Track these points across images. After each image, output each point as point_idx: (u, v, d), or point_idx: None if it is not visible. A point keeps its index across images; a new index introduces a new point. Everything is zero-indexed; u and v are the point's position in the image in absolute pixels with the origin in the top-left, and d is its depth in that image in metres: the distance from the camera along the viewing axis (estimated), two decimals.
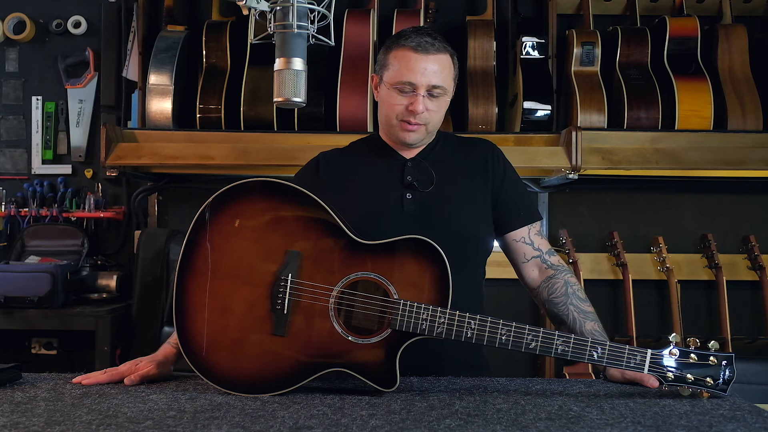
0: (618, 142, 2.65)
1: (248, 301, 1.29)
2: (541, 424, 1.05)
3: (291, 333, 1.27)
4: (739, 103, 2.72)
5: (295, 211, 1.33)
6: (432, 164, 1.59)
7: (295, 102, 1.47)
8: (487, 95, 2.77)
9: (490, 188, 1.59)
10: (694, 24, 2.82)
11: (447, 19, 3.06)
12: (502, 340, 1.26)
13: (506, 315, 1.30)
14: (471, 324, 1.26)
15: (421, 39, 1.51)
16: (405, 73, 1.50)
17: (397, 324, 1.26)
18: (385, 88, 1.56)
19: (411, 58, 1.51)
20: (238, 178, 1.38)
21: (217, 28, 2.89)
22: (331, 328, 1.27)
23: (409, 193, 1.55)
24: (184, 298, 1.31)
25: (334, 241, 1.31)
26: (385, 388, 1.24)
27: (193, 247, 1.32)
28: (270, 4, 1.46)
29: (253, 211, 1.33)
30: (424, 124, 1.54)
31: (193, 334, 1.29)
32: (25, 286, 2.63)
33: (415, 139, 1.57)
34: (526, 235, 1.60)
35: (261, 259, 1.30)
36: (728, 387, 1.23)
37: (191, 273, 1.31)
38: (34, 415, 1.08)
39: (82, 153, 3.11)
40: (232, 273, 1.30)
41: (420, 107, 1.50)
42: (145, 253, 2.85)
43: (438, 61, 1.52)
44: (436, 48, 1.52)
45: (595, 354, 1.25)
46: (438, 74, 1.51)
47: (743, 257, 2.94)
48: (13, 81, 3.14)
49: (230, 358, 1.27)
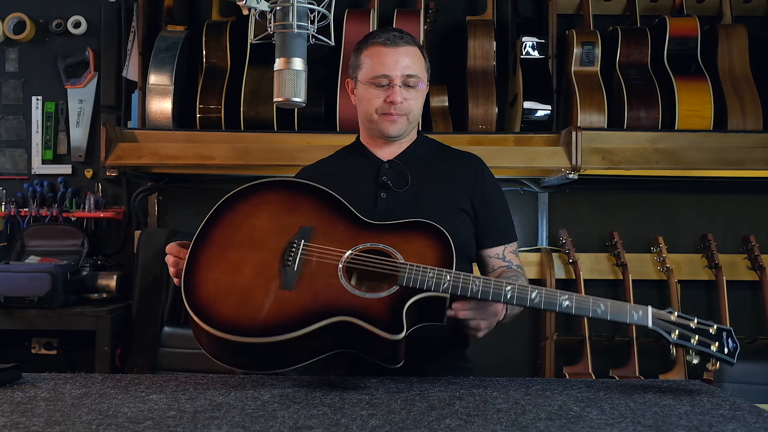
0: (618, 142, 2.65)
1: (260, 263, 1.31)
2: (541, 424, 1.05)
3: (299, 288, 1.28)
4: (739, 103, 2.72)
5: (309, 198, 1.44)
6: (410, 166, 1.61)
7: (295, 102, 1.47)
8: (487, 95, 2.77)
9: (468, 200, 1.60)
10: (694, 24, 2.82)
11: (447, 19, 3.06)
12: (507, 296, 1.28)
13: None
14: (476, 282, 1.29)
15: (389, 34, 1.58)
16: (378, 68, 1.56)
17: (404, 280, 1.27)
18: (362, 86, 1.61)
19: (382, 53, 1.57)
20: (238, 178, 1.40)
21: (217, 28, 2.89)
22: (339, 285, 1.28)
23: (384, 192, 1.57)
24: (194, 264, 1.32)
25: (345, 221, 1.40)
26: (391, 335, 1.20)
27: (211, 225, 1.38)
28: (270, 4, 1.46)
29: (270, 198, 1.44)
30: (405, 114, 1.58)
31: (199, 289, 1.28)
32: (25, 286, 2.63)
33: (398, 130, 1.60)
34: (501, 253, 1.63)
35: (276, 233, 1.36)
36: (735, 357, 1.23)
37: (206, 243, 1.35)
38: (34, 415, 1.08)
39: (82, 153, 3.11)
40: (246, 243, 1.34)
41: (398, 97, 1.55)
42: (145, 253, 2.85)
43: (408, 52, 1.58)
44: (405, 41, 1.58)
45: (599, 309, 1.26)
46: (410, 64, 1.57)
47: (743, 257, 2.94)
48: (13, 81, 3.14)
49: (234, 306, 1.26)
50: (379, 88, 1.57)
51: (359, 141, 1.71)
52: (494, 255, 1.63)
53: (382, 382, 1.35)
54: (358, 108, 1.65)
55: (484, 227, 1.62)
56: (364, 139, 1.69)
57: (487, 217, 1.62)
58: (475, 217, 1.61)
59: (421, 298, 1.27)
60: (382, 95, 1.57)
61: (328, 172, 1.67)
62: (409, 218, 1.44)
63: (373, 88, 1.57)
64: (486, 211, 1.62)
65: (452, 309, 1.32)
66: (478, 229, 1.62)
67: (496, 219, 1.63)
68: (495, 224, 1.63)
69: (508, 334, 3.03)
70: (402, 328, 1.21)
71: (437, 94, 2.91)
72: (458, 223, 1.58)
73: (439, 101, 2.91)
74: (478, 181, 1.64)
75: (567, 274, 2.98)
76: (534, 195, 3.07)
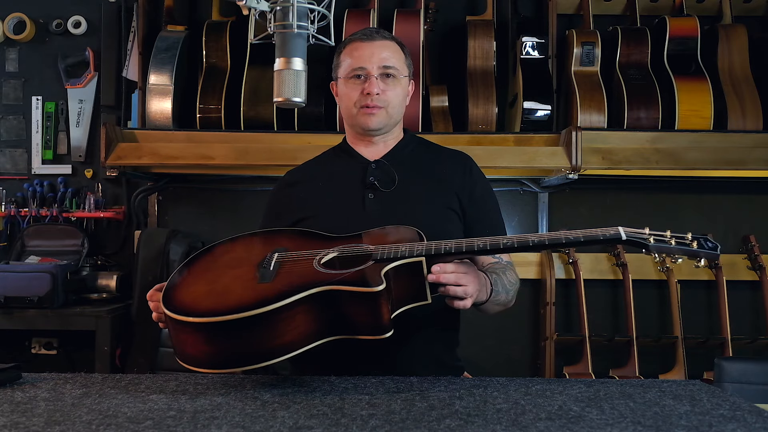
0: (618, 142, 2.65)
1: (236, 274, 1.32)
2: (541, 424, 1.05)
3: (276, 281, 1.27)
4: (739, 103, 2.72)
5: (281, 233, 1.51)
6: (397, 165, 1.61)
7: (295, 102, 1.47)
8: (487, 95, 2.77)
9: (457, 199, 1.60)
10: (694, 24, 2.82)
11: (447, 19, 3.06)
12: (480, 246, 1.30)
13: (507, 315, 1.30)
14: (448, 242, 1.30)
15: (366, 30, 1.62)
16: (355, 62, 1.58)
17: (378, 256, 1.28)
18: (341, 83, 1.62)
19: (359, 47, 1.59)
20: (238, 178, 1.41)
21: (217, 28, 2.89)
22: (316, 270, 1.29)
23: (371, 193, 1.57)
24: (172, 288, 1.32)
25: (317, 239, 1.43)
26: (371, 288, 1.20)
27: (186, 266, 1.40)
28: (270, 4, 1.46)
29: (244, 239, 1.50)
30: (383, 106, 1.58)
31: (176, 298, 1.27)
32: (25, 286, 2.63)
33: (378, 123, 1.60)
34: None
35: (250, 257, 1.38)
36: (718, 251, 1.25)
37: (183, 275, 1.36)
38: (34, 415, 1.08)
39: (82, 153, 3.11)
40: (222, 266, 1.36)
41: (375, 88, 1.56)
42: (145, 253, 2.85)
43: (384, 45, 1.59)
44: (382, 35, 1.60)
45: (571, 236, 1.28)
46: (388, 56, 1.58)
47: (743, 257, 2.95)
48: (13, 81, 3.14)
49: (213, 301, 1.25)
50: (356, 81, 1.57)
51: (345, 142, 1.70)
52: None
53: (382, 382, 1.35)
54: (341, 106, 1.66)
55: (473, 226, 1.61)
56: (350, 139, 1.69)
57: (476, 215, 1.61)
58: (463, 215, 1.60)
59: (397, 266, 1.27)
60: (359, 88, 1.57)
61: (315, 174, 1.67)
62: (397, 218, 1.45)
63: (351, 82, 1.58)
64: (475, 210, 1.61)
65: (432, 273, 1.28)
66: (467, 227, 1.61)
67: (485, 217, 1.63)
68: (484, 222, 1.62)
69: (508, 334, 3.03)
70: (381, 281, 1.21)
71: (437, 94, 2.91)
72: (447, 222, 1.57)
73: (439, 101, 2.91)
74: (467, 179, 1.63)
75: (567, 274, 2.98)
76: (534, 195, 3.07)
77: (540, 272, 2.99)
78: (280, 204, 1.68)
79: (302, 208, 1.60)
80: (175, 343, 1.26)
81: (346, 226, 1.48)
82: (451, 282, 1.30)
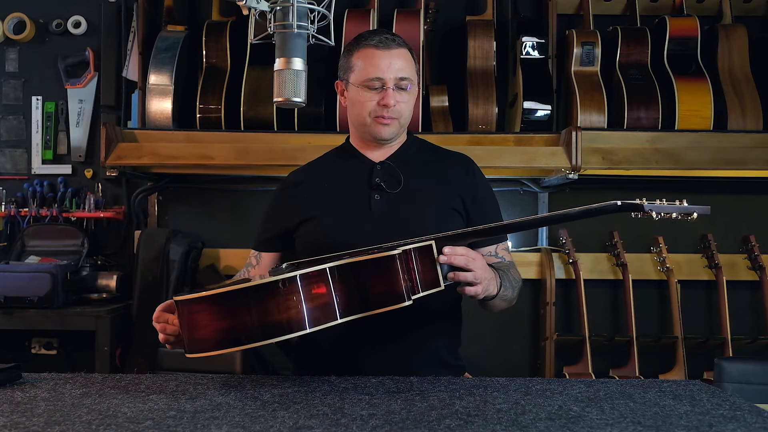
0: (618, 142, 2.65)
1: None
2: (541, 424, 1.05)
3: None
4: (739, 103, 2.72)
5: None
6: (401, 167, 1.61)
7: (295, 102, 1.48)
8: (487, 95, 2.77)
9: (460, 200, 1.61)
10: (694, 24, 2.82)
11: (447, 19, 3.06)
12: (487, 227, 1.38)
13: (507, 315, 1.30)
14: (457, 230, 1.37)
15: (381, 36, 1.57)
16: (372, 71, 1.55)
17: (389, 248, 1.28)
18: (354, 89, 1.59)
19: (375, 55, 1.55)
20: (238, 178, 1.40)
21: (217, 28, 2.89)
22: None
23: (377, 194, 1.57)
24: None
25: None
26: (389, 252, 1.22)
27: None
28: (270, 4, 1.46)
29: None
30: (397, 117, 1.58)
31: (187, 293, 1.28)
32: (25, 286, 2.63)
33: (390, 133, 1.60)
34: (493, 251, 1.63)
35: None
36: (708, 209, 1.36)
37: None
38: (34, 415, 1.08)
39: (82, 153, 3.11)
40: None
41: (391, 101, 1.55)
42: (145, 253, 2.85)
43: (400, 55, 1.57)
44: (397, 43, 1.58)
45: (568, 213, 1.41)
46: (403, 67, 1.57)
47: (743, 257, 2.94)
48: (13, 81, 3.14)
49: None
50: (372, 91, 1.55)
51: (349, 143, 1.70)
52: (486, 253, 1.62)
53: (382, 382, 1.35)
54: (350, 111, 1.64)
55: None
56: (355, 141, 1.68)
57: (479, 216, 1.62)
58: (466, 216, 1.61)
59: (408, 251, 1.26)
60: (375, 98, 1.56)
61: (320, 175, 1.67)
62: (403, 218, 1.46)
63: (365, 91, 1.56)
64: (477, 211, 1.62)
65: (444, 255, 1.29)
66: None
67: (487, 218, 1.63)
68: (486, 223, 1.62)
69: (508, 334, 3.03)
70: (396, 249, 1.23)
71: (437, 94, 2.91)
72: (451, 223, 1.57)
73: (439, 101, 2.91)
74: (469, 181, 1.64)
75: (567, 274, 2.98)
76: (534, 195, 3.07)
77: (540, 272, 2.99)
78: (284, 204, 1.67)
79: (307, 209, 1.60)
80: (186, 334, 1.22)
81: (352, 226, 1.50)
82: (461, 264, 1.31)
